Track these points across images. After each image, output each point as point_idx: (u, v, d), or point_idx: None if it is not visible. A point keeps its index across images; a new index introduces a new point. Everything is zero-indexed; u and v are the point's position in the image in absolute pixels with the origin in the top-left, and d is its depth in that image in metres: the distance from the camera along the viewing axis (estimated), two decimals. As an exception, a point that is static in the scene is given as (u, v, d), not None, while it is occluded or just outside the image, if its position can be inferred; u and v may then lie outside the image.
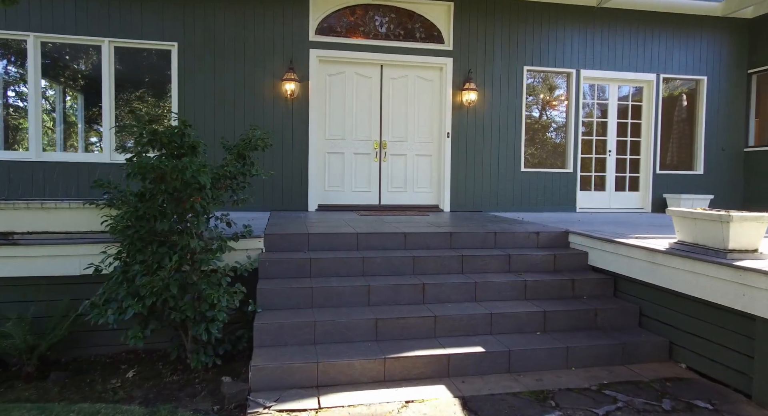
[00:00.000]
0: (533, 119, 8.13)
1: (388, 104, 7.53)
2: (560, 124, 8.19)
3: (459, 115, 7.63)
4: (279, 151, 7.13)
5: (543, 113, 8.21)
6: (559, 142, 8.22)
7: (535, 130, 8.15)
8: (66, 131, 7.00)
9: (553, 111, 8.22)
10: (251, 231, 4.00)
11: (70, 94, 7.06)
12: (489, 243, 5.09)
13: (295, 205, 7.20)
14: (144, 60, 6.92)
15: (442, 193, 7.65)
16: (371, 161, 7.52)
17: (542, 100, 8.18)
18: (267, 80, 7.07)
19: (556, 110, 8.19)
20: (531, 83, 8.06)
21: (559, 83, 8.12)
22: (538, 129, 8.18)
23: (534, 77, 8.06)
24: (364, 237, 4.84)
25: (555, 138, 8.25)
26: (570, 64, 7.97)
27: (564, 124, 8.16)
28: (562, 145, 8.18)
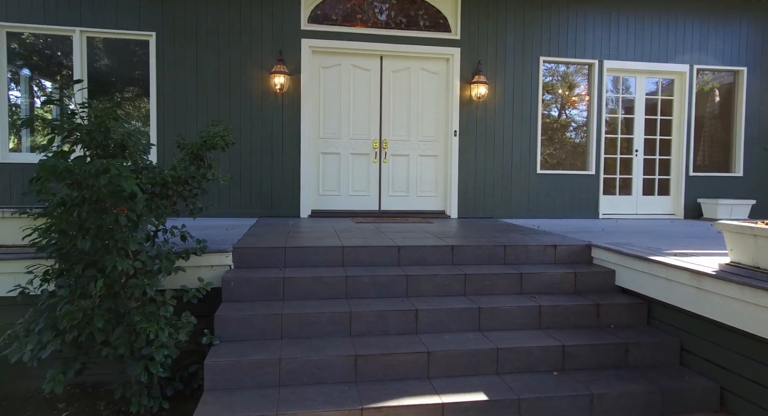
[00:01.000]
0: (551, 118, 7.35)
1: (388, 99, 6.83)
2: (580, 121, 7.40)
3: (467, 111, 6.89)
4: (268, 152, 6.48)
5: (562, 110, 7.43)
6: (579, 140, 7.42)
7: (554, 130, 7.36)
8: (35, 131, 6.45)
9: (573, 107, 7.43)
10: (205, 248, 3.34)
11: (40, 90, 6.51)
12: (497, 258, 4.35)
13: (285, 210, 6.55)
14: (120, 52, 6.33)
15: (448, 197, 6.92)
16: (370, 162, 6.83)
17: (560, 95, 7.39)
18: (254, 73, 6.42)
19: (576, 107, 7.40)
20: (549, 81, 7.27)
21: (580, 78, 7.32)
22: (556, 128, 7.39)
23: (553, 75, 7.28)
24: (351, 252, 4.15)
25: (575, 136, 7.46)
26: (592, 54, 7.17)
27: (585, 121, 7.36)
28: (582, 145, 7.38)
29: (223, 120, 6.38)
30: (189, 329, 2.96)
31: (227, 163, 6.39)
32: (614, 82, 7.45)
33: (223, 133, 3.47)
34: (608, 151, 7.37)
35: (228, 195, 6.42)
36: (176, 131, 6.29)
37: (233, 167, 6.41)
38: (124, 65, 6.37)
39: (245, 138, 6.43)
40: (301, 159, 6.53)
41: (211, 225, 5.48)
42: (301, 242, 4.31)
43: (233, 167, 6.41)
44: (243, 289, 3.67)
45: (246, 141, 6.43)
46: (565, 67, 7.28)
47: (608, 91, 7.35)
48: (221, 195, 6.40)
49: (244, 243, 4.21)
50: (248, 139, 6.44)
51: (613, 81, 7.43)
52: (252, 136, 6.45)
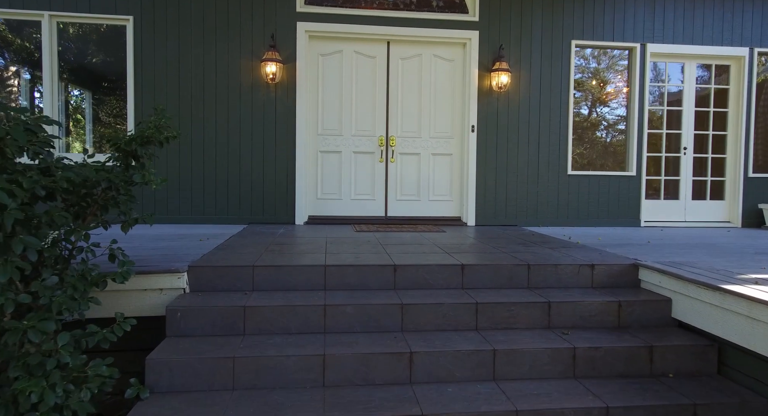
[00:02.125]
0: (581, 116, 6.40)
1: (396, 91, 6.01)
2: (617, 115, 6.43)
3: (487, 103, 6.02)
4: (259, 150, 5.75)
5: (593, 107, 6.47)
6: (616, 137, 6.45)
7: (585, 129, 6.42)
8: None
9: (606, 103, 6.46)
10: (128, 272, 2.57)
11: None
12: (519, 280, 3.49)
13: (279, 216, 5.80)
14: (95, 39, 5.69)
15: (464, 201, 6.06)
16: (375, 162, 6.02)
17: (591, 90, 6.44)
18: (244, 62, 5.70)
19: (611, 102, 6.43)
20: (579, 78, 6.33)
21: (617, 68, 6.36)
22: (587, 127, 6.44)
23: (583, 71, 6.33)
24: (336, 272, 3.35)
25: (611, 133, 6.49)
26: (633, 37, 6.20)
27: (622, 114, 6.39)
28: (621, 142, 6.41)
29: (208, 114, 5.67)
30: (98, 384, 2.20)
31: (212, 163, 5.68)
32: (658, 70, 6.45)
33: (159, 121, 2.70)
34: (651, 149, 6.38)
35: (213, 199, 5.71)
36: (156, 127, 5.60)
37: (219, 168, 5.69)
38: (98, 54, 5.73)
39: (233, 134, 5.71)
40: (296, 158, 5.77)
41: (186, 235, 4.76)
42: (277, 259, 3.53)
43: (219, 168, 5.69)
44: (193, 321, 2.91)
45: (234, 138, 5.71)
46: (596, 62, 6.33)
47: (651, 80, 6.36)
48: (206, 199, 5.70)
49: (206, 260, 3.46)
50: (236, 136, 5.71)
51: (657, 68, 6.44)
52: (241, 133, 5.72)
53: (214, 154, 5.69)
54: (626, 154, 6.35)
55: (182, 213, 5.67)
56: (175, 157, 5.64)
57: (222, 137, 5.69)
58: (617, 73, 6.38)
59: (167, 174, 5.63)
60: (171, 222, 5.63)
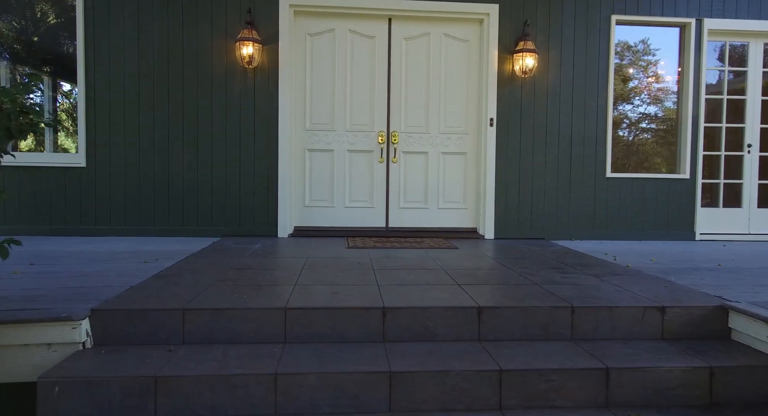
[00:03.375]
0: (621, 112, 5.34)
1: (399, 77, 5.03)
2: (667, 107, 5.36)
3: (509, 91, 5.00)
4: (234, 148, 4.81)
5: (639, 87, 5.41)
6: (665, 131, 5.39)
7: (626, 123, 5.36)
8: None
9: (656, 83, 5.39)
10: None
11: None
12: (559, 328, 2.49)
13: (258, 227, 4.85)
14: (36, 15, 4.81)
15: (481, 210, 5.05)
16: (374, 162, 5.04)
17: (630, 77, 5.38)
18: (216, 42, 4.76)
19: (656, 92, 5.37)
20: (617, 63, 5.27)
21: (662, 51, 5.28)
22: (630, 123, 5.38)
23: (622, 58, 5.26)
24: (301, 318, 2.39)
25: (659, 126, 5.43)
26: (686, 11, 5.13)
27: (674, 104, 5.32)
28: (671, 138, 5.35)
29: (173, 105, 4.75)
30: None
31: (178, 163, 4.75)
32: (717, 51, 5.36)
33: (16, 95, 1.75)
34: (708, 146, 5.30)
35: (180, 207, 4.78)
36: (112, 120, 4.71)
37: (187, 169, 4.76)
38: (41, 33, 4.85)
39: (203, 129, 4.78)
40: (278, 157, 4.82)
41: (136, 253, 3.83)
42: (223, 296, 2.57)
43: (187, 169, 4.76)
44: (77, 401, 1.97)
45: (204, 133, 4.78)
46: (642, 44, 5.26)
47: (708, 64, 5.27)
48: (171, 207, 4.77)
49: (123, 299, 2.51)
50: (207, 131, 4.78)
51: (716, 48, 5.35)
52: (212, 127, 4.79)
53: (180, 152, 4.76)
54: (677, 152, 5.28)
55: (143, 225, 4.75)
56: (132, 156, 4.73)
57: (189, 132, 4.77)
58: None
59: (123, 176, 4.73)
60: (130, 234, 4.73)
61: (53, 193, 4.69)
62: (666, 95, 5.36)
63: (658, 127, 5.42)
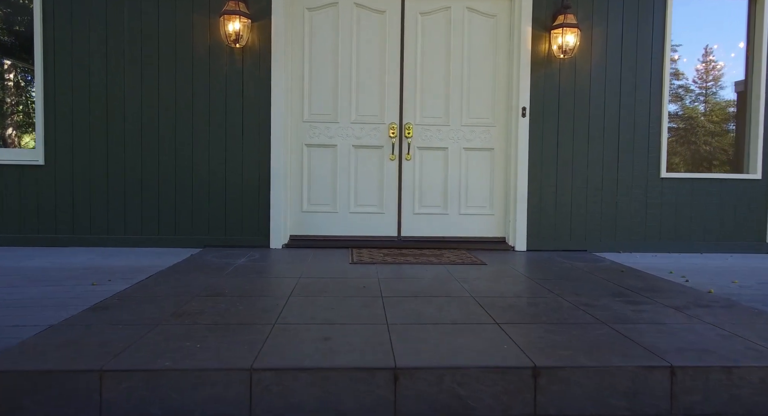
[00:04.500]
0: (681, 89, 4.52)
1: (414, 59, 4.26)
2: (728, 99, 4.53)
3: (545, 76, 4.21)
4: (219, 143, 4.08)
5: (699, 70, 4.58)
6: (727, 120, 4.55)
7: (682, 116, 4.53)
8: None
9: (717, 66, 4.56)
10: None
11: None
12: (653, 400, 1.69)
13: (247, 235, 4.11)
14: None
15: (511, 216, 4.26)
16: (384, 160, 4.28)
17: (694, 50, 4.55)
18: (198, 19, 4.03)
19: (721, 67, 4.53)
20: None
21: (726, 19, 4.45)
22: (688, 117, 4.56)
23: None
24: (275, 386, 1.63)
25: (721, 117, 4.59)
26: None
27: (740, 93, 4.48)
28: (736, 132, 4.51)
29: (147, 92, 4.03)
30: None
31: (153, 161, 4.04)
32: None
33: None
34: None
35: (155, 213, 4.06)
36: (75, 111, 4.00)
37: (163, 168, 4.04)
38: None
39: (183, 120, 4.05)
40: (271, 154, 4.08)
41: (92, 269, 3.11)
42: (169, 345, 1.83)
43: (163, 168, 4.04)
44: None
45: (184, 125, 4.05)
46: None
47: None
48: (144, 213, 4.05)
49: (20, 353, 1.78)
50: (186, 123, 4.06)
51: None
52: (193, 118, 4.06)
53: (155, 148, 4.04)
54: (744, 147, 4.44)
55: (112, 233, 4.04)
56: (99, 153, 4.02)
57: (166, 125, 4.05)
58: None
59: (88, 177, 4.02)
60: (97, 244, 4.02)
61: (5, 195, 3.99)
62: (728, 80, 4.53)
63: (721, 117, 4.58)
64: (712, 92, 4.57)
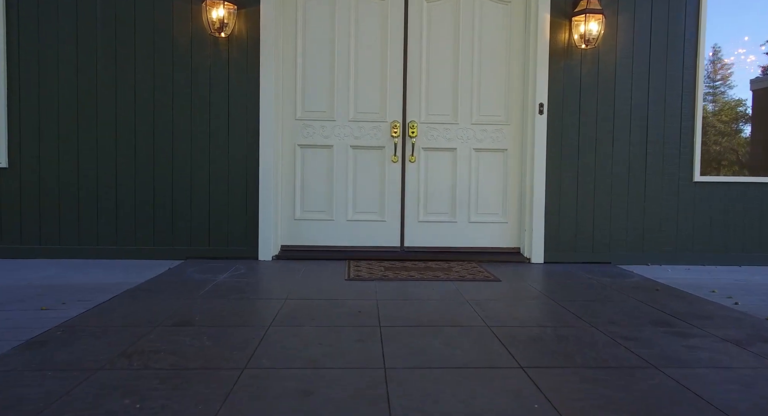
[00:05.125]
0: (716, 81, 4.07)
1: (419, 51, 3.84)
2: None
3: (565, 68, 3.78)
4: (201, 143, 3.67)
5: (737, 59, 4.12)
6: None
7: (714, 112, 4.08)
8: None
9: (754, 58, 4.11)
10: None
11: None
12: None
13: (234, 246, 3.71)
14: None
15: (527, 223, 3.83)
16: (386, 162, 3.86)
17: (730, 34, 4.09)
18: (177, 4, 3.63)
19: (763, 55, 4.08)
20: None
21: None
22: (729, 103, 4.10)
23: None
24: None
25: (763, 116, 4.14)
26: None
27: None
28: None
29: (122, 85, 3.63)
30: None
31: (128, 164, 3.64)
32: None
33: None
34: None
35: (131, 221, 3.66)
36: (42, 108, 3.61)
37: (140, 171, 3.64)
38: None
39: (162, 118, 3.65)
40: (260, 156, 3.67)
41: (48, 287, 2.71)
42: (96, 411, 1.41)
43: (140, 171, 3.64)
44: None
45: (163, 124, 3.65)
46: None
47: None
48: (119, 221, 3.65)
49: None
50: (166, 121, 3.66)
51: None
52: (174, 116, 3.66)
53: (130, 149, 3.65)
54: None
55: (84, 244, 3.64)
56: (69, 155, 3.63)
57: (144, 122, 3.65)
58: None
59: (57, 181, 3.62)
60: (66, 256, 3.63)
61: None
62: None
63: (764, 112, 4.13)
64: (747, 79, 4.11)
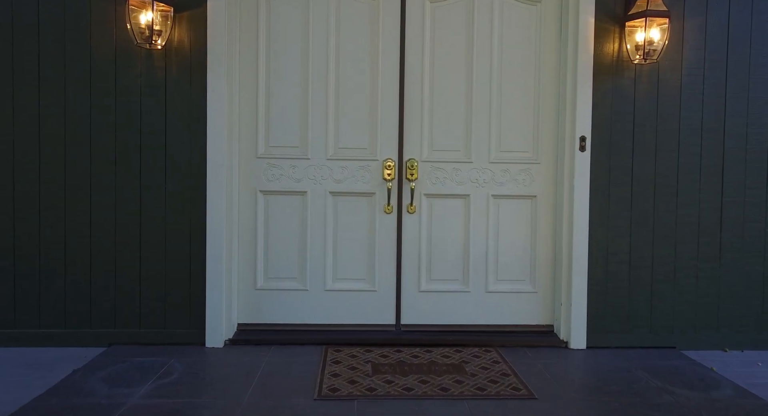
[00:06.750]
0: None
1: (420, 67, 2.91)
2: None
3: (614, 90, 2.84)
4: (129, 187, 2.75)
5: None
6: None
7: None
8: None
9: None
10: None
11: None
12: None
13: (173, 327, 2.78)
14: None
15: (563, 293, 2.88)
16: (377, 213, 2.92)
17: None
18: (97, 5, 2.72)
19: None
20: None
21: None
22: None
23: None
24: None
25: None
26: None
27: None
28: None
29: (23, 114, 2.71)
30: None
31: (30, 216, 2.72)
32: None
33: None
34: None
35: (34, 291, 2.74)
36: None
37: (46, 228, 2.72)
38: None
39: (76, 155, 2.73)
40: (207, 206, 2.74)
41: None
42: None
43: (46, 228, 2.72)
44: None
45: (78, 162, 2.73)
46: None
47: None
48: (18, 295, 2.73)
49: None
50: (83, 159, 2.74)
51: None
52: (91, 152, 2.74)
53: (33, 199, 2.72)
54: None
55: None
56: None
57: (51, 161, 2.73)
58: None
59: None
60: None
61: None
62: None
63: None
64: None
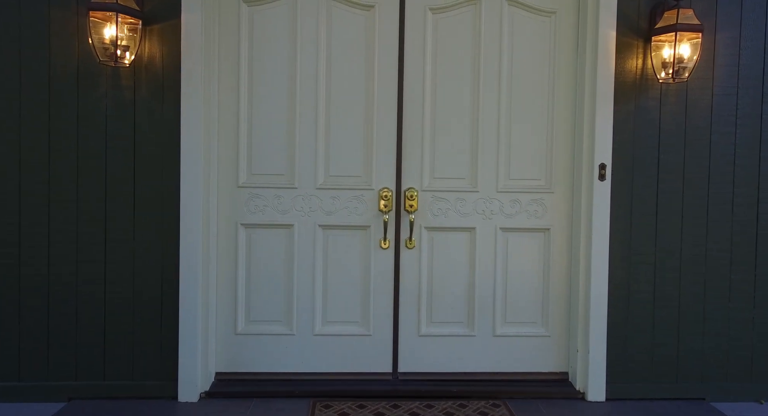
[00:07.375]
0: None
1: (420, 84, 2.60)
2: None
3: (637, 112, 2.54)
4: (93, 222, 2.44)
5: None
6: None
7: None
8: None
9: None
10: None
11: None
12: None
13: (140, 379, 2.47)
14: None
15: (579, 338, 2.58)
16: (372, 248, 2.62)
17: None
18: (58, 13, 2.41)
19: None
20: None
21: None
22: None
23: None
24: None
25: None
26: None
27: None
28: None
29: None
30: None
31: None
32: None
33: None
34: None
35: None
36: None
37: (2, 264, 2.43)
38: None
39: (34, 185, 2.43)
40: (180, 241, 2.44)
41: None
42: None
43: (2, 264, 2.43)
44: None
45: (36, 192, 2.43)
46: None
47: None
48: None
49: None
50: (39, 195, 2.43)
51: None
52: (50, 186, 2.44)
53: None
54: None
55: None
56: None
57: (4, 197, 2.43)
58: None
59: None
60: None
61: None
62: None
63: None
64: None
